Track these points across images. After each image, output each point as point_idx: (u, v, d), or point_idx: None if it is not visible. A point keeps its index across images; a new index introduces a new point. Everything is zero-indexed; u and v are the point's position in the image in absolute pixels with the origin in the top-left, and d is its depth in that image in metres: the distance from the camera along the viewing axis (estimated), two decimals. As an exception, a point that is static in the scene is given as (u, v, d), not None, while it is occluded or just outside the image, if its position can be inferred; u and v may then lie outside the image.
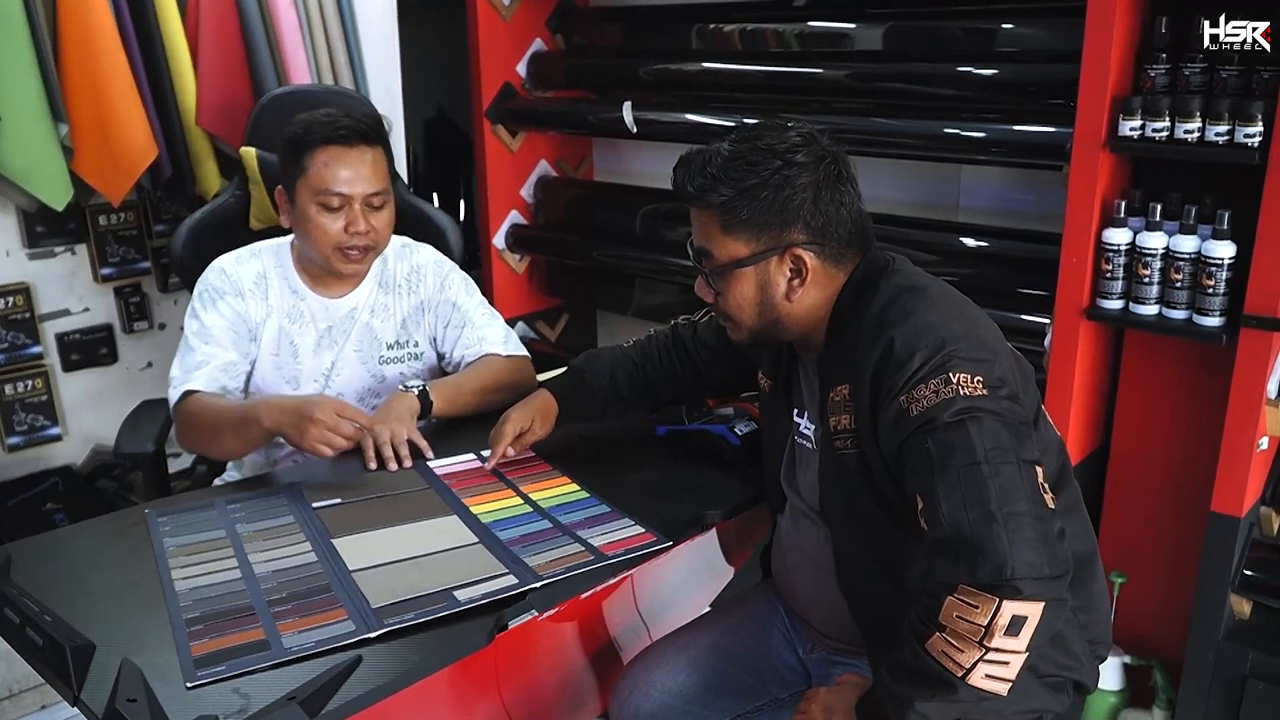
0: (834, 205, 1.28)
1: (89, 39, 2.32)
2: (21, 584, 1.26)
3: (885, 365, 1.21)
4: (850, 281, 1.32)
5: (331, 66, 2.75)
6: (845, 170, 1.30)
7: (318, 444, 1.52)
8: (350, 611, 1.22)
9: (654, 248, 2.93)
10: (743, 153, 1.27)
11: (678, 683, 1.53)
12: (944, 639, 1.08)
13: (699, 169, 1.29)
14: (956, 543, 1.08)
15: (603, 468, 1.67)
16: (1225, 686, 1.90)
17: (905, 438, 1.17)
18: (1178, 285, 1.83)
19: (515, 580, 1.30)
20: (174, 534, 1.43)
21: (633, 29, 3.05)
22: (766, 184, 1.25)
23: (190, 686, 1.07)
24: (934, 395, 1.15)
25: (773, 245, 1.28)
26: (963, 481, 1.10)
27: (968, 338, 1.20)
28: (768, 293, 1.31)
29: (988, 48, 2.23)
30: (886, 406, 1.20)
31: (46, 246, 2.59)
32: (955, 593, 1.08)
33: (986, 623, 1.06)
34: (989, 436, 1.12)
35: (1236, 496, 1.82)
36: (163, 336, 2.83)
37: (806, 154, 1.27)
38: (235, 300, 1.77)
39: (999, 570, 1.05)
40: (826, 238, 1.29)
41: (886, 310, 1.25)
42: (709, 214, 1.29)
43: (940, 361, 1.17)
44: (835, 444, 1.31)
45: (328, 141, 1.70)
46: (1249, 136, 1.69)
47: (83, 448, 2.72)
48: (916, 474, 1.16)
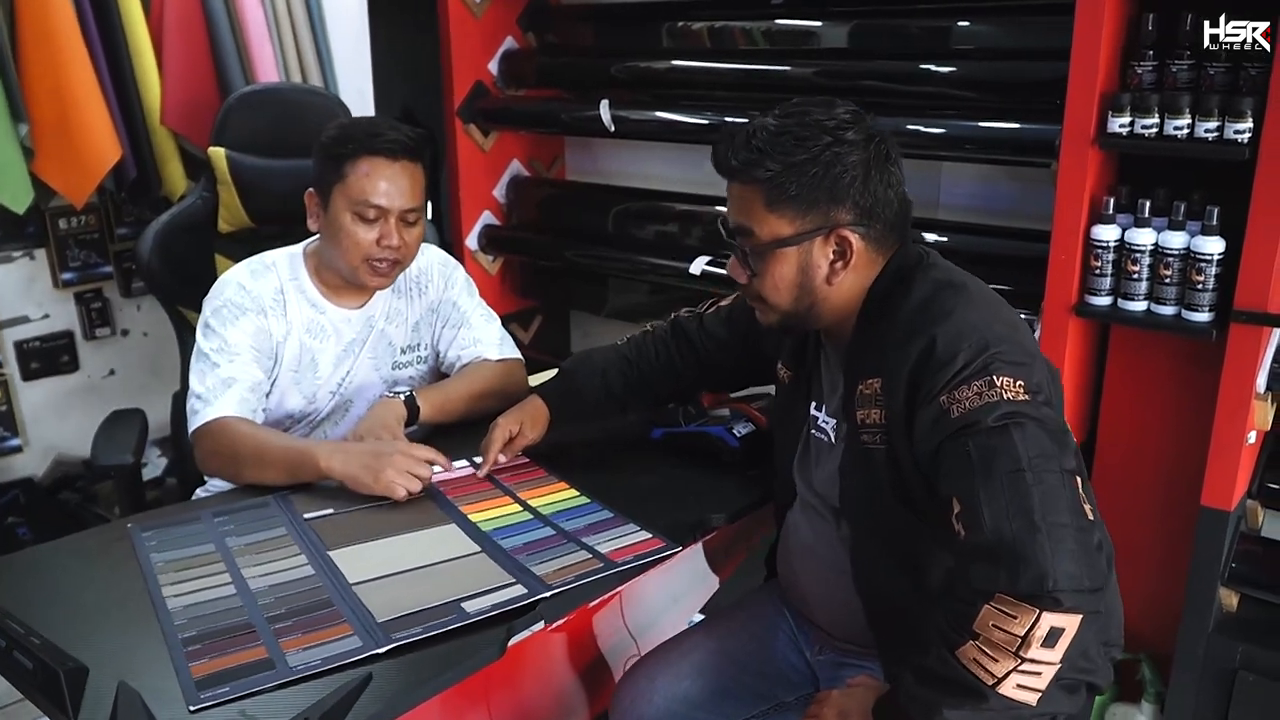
0: (882, 186, 1.25)
1: (50, 36, 2.27)
2: (3, 604, 1.20)
3: (926, 364, 1.18)
4: (885, 272, 1.29)
5: (300, 64, 2.71)
6: (893, 151, 1.27)
7: (394, 485, 1.48)
8: (355, 627, 1.18)
9: (627, 247, 2.91)
10: (790, 127, 1.23)
11: (682, 688, 1.51)
12: (977, 647, 1.06)
13: (743, 142, 1.25)
14: (998, 550, 1.06)
15: (599, 472, 1.64)
16: (1215, 679, 1.92)
17: (944, 439, 1.15)
18: (1167, 281, 1.83)
19: (525, 590, 1.27)
20: (161, 549, 1.38)
21: (604, 27, 3.01)
22: (816, 160, 1.22)
23: (194, 710, 1.03)
24: (977, 397, 1.13)
25: (819, 225, 1.24)
26: (1006, 488, 1.08)
27: (1010, 340, 1.18)
28: (808, 275, 1.27)
29: (962, 45, 2.23)
30: (925, 406, 1.17)
31: (4, 251, 2.53)
32: (993, 601, 1.05)
33: (1024, 633, 1.04)
34: (1032, 443, 1.10)
35: (1226, 490, 1.83)
36: (125, 343, 2.76)
37: (856, 131, 1.24)
38: (258, 318, 1.71)
39: (1040, 581, 1.03)
40: (873, 219, 1.25)
41: (927, 306, 1.23)
42: (752, 189, 1.25)
43: (984, 363, 1.15)
44: (862, 438, 1.28)
45: (372, 152, 1.65)
46: (1239, 133, 1.70)
47: (44, 459, 2.64)
48: (955, 476, 1.13)
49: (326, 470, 1.51)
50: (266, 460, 1.56)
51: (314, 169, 1.71)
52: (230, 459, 1.60)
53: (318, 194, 1.71)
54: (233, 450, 1.59)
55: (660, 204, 2.92)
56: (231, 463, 1.60)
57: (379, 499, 1.50)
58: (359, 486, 1.49)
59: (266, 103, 2.17)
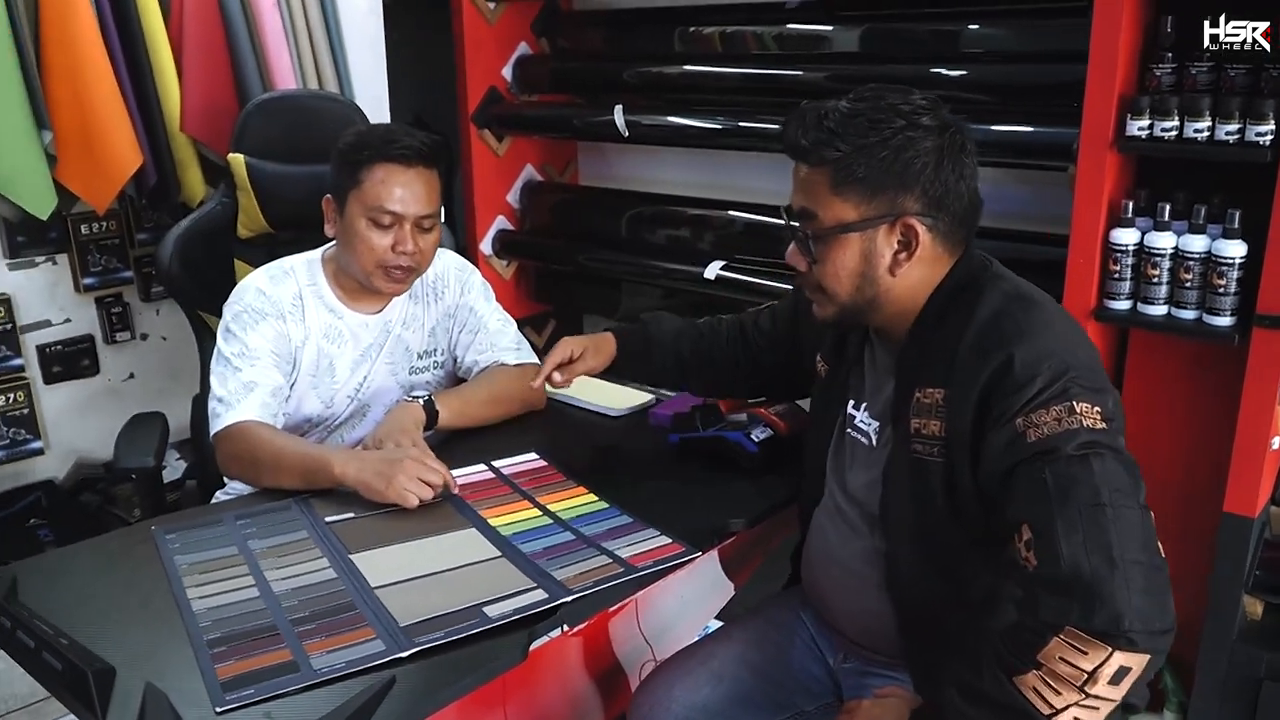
0: (954, 176, 1.21)
1: (72, 44, 2.29)
2: (31, 605, 1.21)
3: (1001, 383, 1.15)
4: (950, 277, 1.25)
5: (317, 71, 2.72)
6: (968, 143, 1.23)
7: (406, 492, 1.48)
8: (378, 630, 1.19)
9: (640, 251, 2.93)
10: (863, 110, 1.20)
11: (700, 696, 1.49)
12: (1040, 677, 1.04)
13: (814, 123, 1.21)
14: (1073, 584, 1.03)
15: (618, 477, 1.64)
16: (1240, 688, 1.90)
17: (1018, 462, 1.12)
18: (1187, 285, 1.83)
19: (545, 595, 1.27)
20: (184, 551, 1.39)
21: (616, 32, 3.04)
22: (887, 143, 1.19)
23: (220, 711, 1.03)
24: (1056, 423, 1.10)
25: (885, 211, 1.21)
26: (1085, 521, 1.05)
27: (1088, 366, 1.16)
28: (871, 263, 1.24)
29: (974, 49, 2.24)
30: (999, 427, 1.14)
31: (27, 256, 2.55)
32: (1063, 634, 1.02)
33: (1092, 669, 1.02)
34: (1112, 477, 1.08)
35: (1250, 496, 1.82)
36: (145, 347, 2.78)
37: (932, 118, 1.20)
38: (277, 322, 1.72)
39: (1117, 621, 1.01)
40: (942, 210, 1.22)
41: (1000, 320, 1.19)
42: (819, 172, 1.22)
43: (1063, 387, 1.12)
44: (914, 448, 1.24)
45: (387, 159, 1.66)
46: (1260, 135, 1.70)
47: (65, 461, 2.67)
48: (1029, 502, 1.10)
49: (341, 477, 1.51)
50: (283, 465, 1.57)
51: (331, 175, 1.72)
52: (249, 463, 1.60)
53: (334, 200, 1.72)
54: (252, 454, 1.60)
55: (673, 208, 2.94)
56: (251, 466, 1.61)
57: (396, 504, 1.50)
58: (371, 494, 1.49)
59: (284, 109, 2.18)
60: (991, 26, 2.22)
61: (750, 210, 2.76)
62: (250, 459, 1.60)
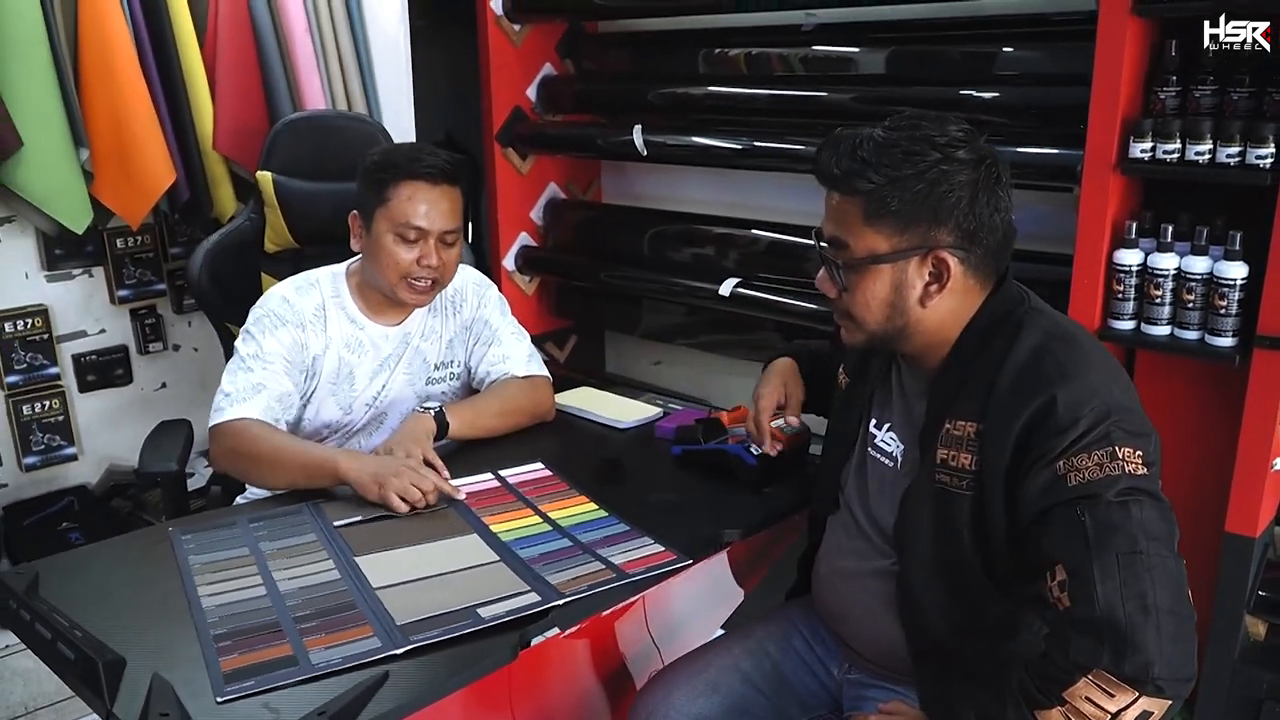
0: (989, 210, 1.20)
1: (109, 66, 2.37)
2: (50, 600, 1.27)
3: (1043, 424, 1.14)
4: (985, 308, 1.25)
5: (346, 92, 2.79)
6: (1004, 175, 1.22)
7: (391, 497, 1.54)
8: (376, 628, 1.23)
9: (662, 269, 2.97)
10: (898, 140, 1.19)
11: (698, 706, 1.51)
12: (1063, 714, 1.06)
13: (848, 151, 1.21)
14: (1105, 629, 1.04)
15: (620, 487, 1.68)
16: (1241, 708, 1.90)
17: (1055, 504, 1.12)
18: (1190, 306, 1.84)
19: (538, 597, 1.31)
20: (199, 551, 1.44)
21: (640, 54, 3.09)
22: (922, 176, 1.17)
23: (220, 701, 1.08)
24: (1098, 469, 1.10)
25: (917, 244, 1.20)
26: (1122, 568, 1.06)
27: (1129, 409, 1.16)
28: (901, 294, 1.23)
29: (999, 71, 2.26)
30: (1040, 468, 1.14)
31: (65, 269, 2.63)
32: (1091, 675, 1.04)
33: (1116, 711, 1.03)
34: (1151, 525, 1.08)
35: (1251, 517, 1.82)
36: (177, 358, 2.86)
37: (968, 151, 1.19)
38: (296, 330, 1.78)
39: (1147, 668, 1.02)
40: (975, 244, 1.21)
41: (1041, 359, 1.19)
42: (852, 201, 1.21)
43: (1104, 432, 1.12)
44: (939, 477, 1.25)
45: (413, 176, 1.73)
46: (1261, 158, 1.72)
47: (98, 468, 2.74)
48: (1065, 545, 1.10)
49: (344, 474, 1.57)
50: (282, 461, 1.63)
51: (358, 192, 1.79)
52: (246, 457, 1.66)
53: (361, 216, 1.79)
54: (250, 450, 1.66)
55: (695, 227, 2.97)
56: (246, 460, 1.67)
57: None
58: (364, 494, 1.56)
59: (311, 129, 2.26)
60: (1016, 48, 2.24)
61: (773, 230, 2.78)
62: (247, 454, 1.66)
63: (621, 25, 3.21)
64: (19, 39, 2.25)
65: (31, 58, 2.27)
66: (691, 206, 3.09)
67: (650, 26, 3.12)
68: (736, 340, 2.98)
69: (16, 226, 2.50)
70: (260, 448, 1.65)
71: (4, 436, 2.58)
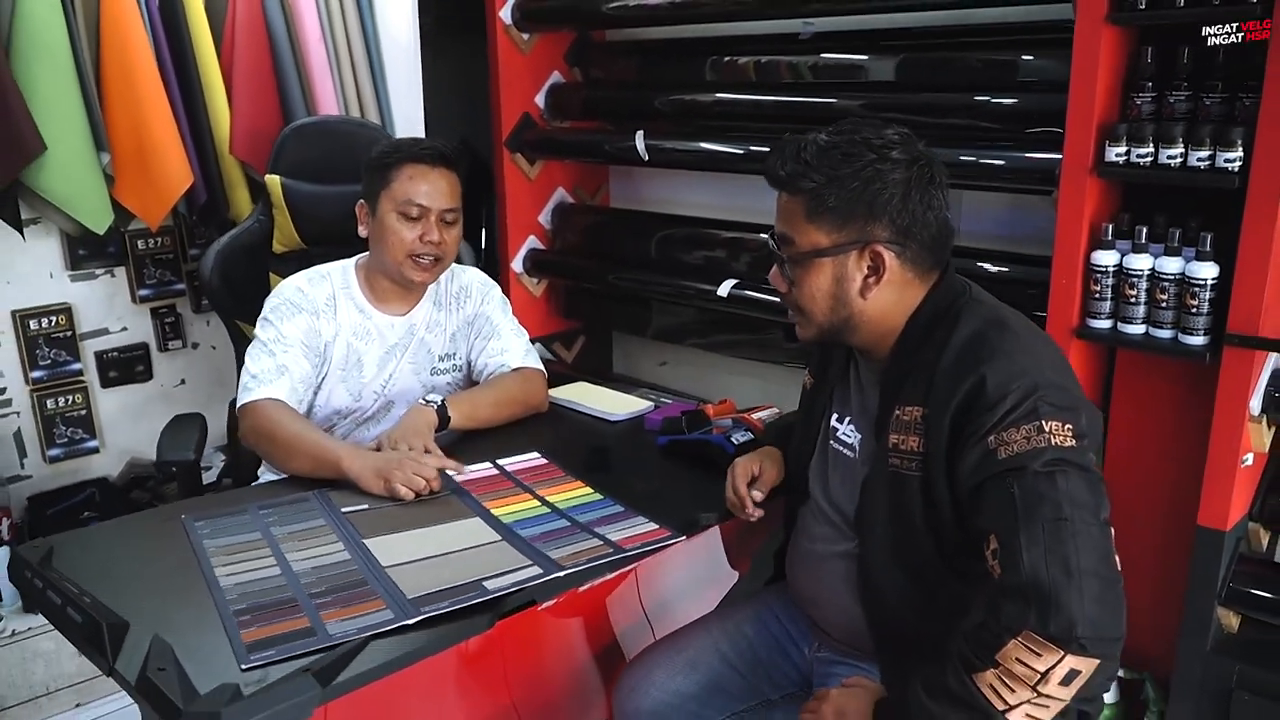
0: (921, 207, 1.28)
1: (129, 73, 2.46)
2: (63, 571, 1.35)
3: (975, 402, 1.22)
4: (928, 299, 1.33)
5: (359, 98, 2.88)
6: (938, 175, 1.31)
7: (396, 489, 1.62)
8: (388, 602, 1.30)
9: (669, 271, 3.01)
10: (838, 143, 1.28)
11: (676, 682, 1.59)
12: (997, 675, 1.12)
13: (792, 155, 1.30)
14: (1032, 593, 1.10)
15: (611, 475, 1.75)
16: (1213, 698, 1.94)
17: (987, 478, 1.19)
18: (1163, 305, 1.89)
19: (540, 570, 1.39)
20: (212, 536, 1.52)
21: (648, 62, 3.14)
22: (858, 175, 1.26)
23: (245, 668, 1.15)
24: (1025, 441, 1.17)
25: (854, 239, 1.29)
26: (1047, 535, 1.12)
27: (1058, 385, 1.22)
28: (843, 287, 1.32)
29: (998, 79, 2.28)
30: (972, 445, 1.21)
31: (88, 269, 2.72)
32: (1020, 637, 1.10)
33: (1045, 670, 1.09)
34: (1077, 494, 1.15)
35: (1221, 511, 1.87)
36: (195, 355, 2.95)
37: (902, 151, 1.28)
38: (311, 318, 1.89)
39: (1070, 627, 1.08)
40: (909, 239, 1.29)
41: (975, 344, 1.26)
42: (796, 200, 1.31)
43: (1032, 406, 1.18)
44: (892, 461, 1.32)
45: (414, 159, 1.86)
46: (1229, 161, 1.76)
47: (119, 460, 2.84)
48: (996, 516, 1.17)
49: (346, 469, 1.66)
50: (297, 448, 1.72)
51: (363, 183, 1.91)
52: (268, 437, 1.76)
53: (367, 203, 1.91)
54: (272, 432, 1.75)
55: (702, 230, 3.01)
56: (269, 441, 1.76)
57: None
58: (369, 489, 1.64)
59: (317, 134, 2.35)
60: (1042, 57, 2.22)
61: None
62: (270, 435, 1.75)
63: (629, 34, 3.27)
64: (43, 48, 2.34)
65: (55, 66, 2.36)
66: (697, 210, 3.14)
67: (657, 35, 3.17)
68: (741, 340, 3.02)
69: (41, 228, 2.60)
70: (279, 431, 1.75)
71: (29, 430, 2.68)
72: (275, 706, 1.08)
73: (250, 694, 1.09)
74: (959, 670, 1.15)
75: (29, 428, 2.67)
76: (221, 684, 1.10)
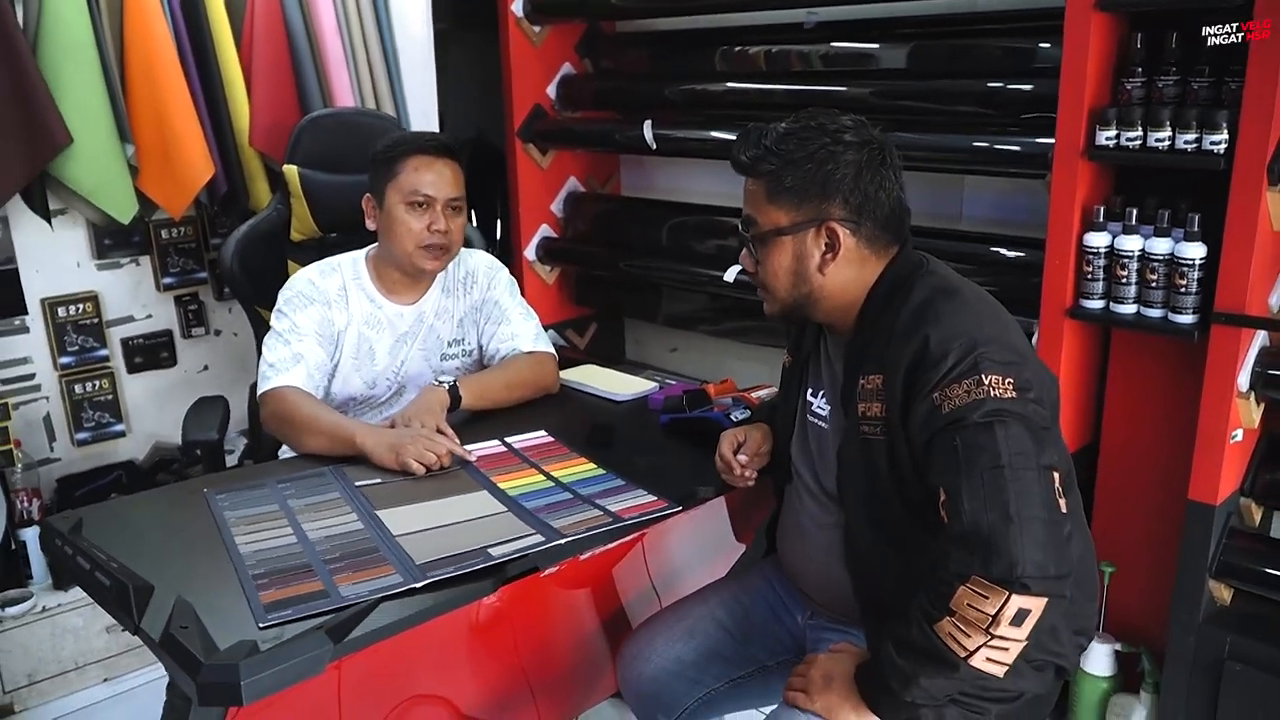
0: (873, 186, 1.36)
1: (152, 68, 2.53)
2: (91, 539, 1.43)
3: (920, 362, 1.28)
4: (885, 274, 1.40)
5: (374, 90, 2.95)
6: (889, 158, 1.38)
7: (409, 463, 1.69)
8: (397, 567, 1.37)
9: (681, 258, 3.06)
10: (795, 130, 1.37)
11: (676, 650, 1.66)
12: (953, 623, 1.18)
13: (754, 141, 1.38)
14: (974, 539, 1.16)
15: (614, 451, 1.81)
16: (1205, 669, 1.99)
17: (934, 433, 1.25)
18: (1153, 285, 1.93)
19: (542, 538, 1.45)
20: (233, 508, 1.59)
21: (658, 53, 3.19)
22: (812, 157, 1.34)
23: (263, 627, 1.22)
24: (965, 395, 1.23)
25: (811, 217, 1.36)
26: (986, 483, 1.18)
27: (998, 341, 1.27)
28: (803, 263, 1.39)
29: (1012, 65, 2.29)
30: (919, 401, 1.28)
31: (114, 258, 2.81)
32: (968, 583, 1.16)
33: (994, 612, 1.15)
34: (1014, 441, 1.20)
35: (1211, 485, 1.91)
36: (218, 342, 3.04)
37: (854, 135, 1.36)
38: (323, 308, 1.96)
39: (1011, 568, 1.14)
40: (863, 217, 1.36)
41: (923, 309, 1.32)
42: (758, 183, 1.39)
43: (973, 362, 1.24)
44: (863, 429, 1.38)
45: (419, 151, 1.93)
46: (1215, 144, 1.81)
47: (144, 444, 2.92)
48: (942, 469, 1.24)
49: (361, 445, 1.73)
50: (314, 428, 1.80)
51: (370, 178, 1.97)
52: (288, 421, 1.83)
53: (374, 196, 1.97)
54: (290, 415, 1.83)
55: (711, 218, 3.06)
56: (288, 424, 1.83)
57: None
58: (383, 464, 1.72)
59: (333, 125, 2.42)
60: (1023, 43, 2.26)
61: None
62: (289, 418, 1.83)
63: (639, 25, 3.31)
64: (69, 45, 2.41)
65: (80, 61, 2.43)
66: (708, 199, 3.19)
67: (667, 26, 3.22)
68: (750, 326, 3.07)
69: (69, 219, 2.68)
70: (297, 414, 1.82)
71: (58, 414, 2.76)
72: (290, 660, 1.16)
73: (267, 649, 1.16)
74: (920, 622, 1.21)
75: (58, 412, 2.76)
76: (240, 640, 1.17)
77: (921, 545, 1.35)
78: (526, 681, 1.82)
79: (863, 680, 1.34)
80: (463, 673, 1.74)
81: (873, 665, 1.32)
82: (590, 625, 1.92)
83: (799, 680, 1.41)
